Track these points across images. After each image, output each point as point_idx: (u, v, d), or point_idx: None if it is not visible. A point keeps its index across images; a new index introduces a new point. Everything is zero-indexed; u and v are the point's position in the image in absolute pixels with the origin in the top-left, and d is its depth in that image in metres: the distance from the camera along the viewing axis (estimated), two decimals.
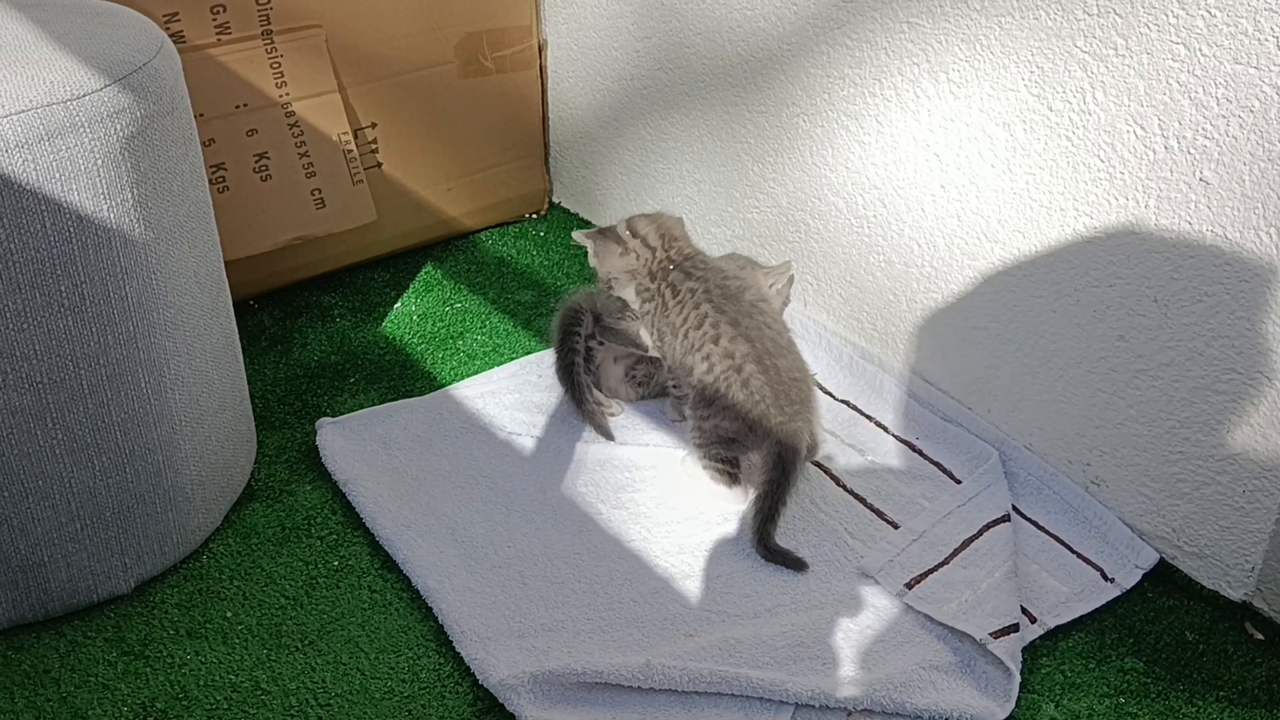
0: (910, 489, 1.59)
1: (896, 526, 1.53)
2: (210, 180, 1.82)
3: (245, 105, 1.86)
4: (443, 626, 1.37)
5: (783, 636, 1.35)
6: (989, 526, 1.50)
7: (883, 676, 1.30)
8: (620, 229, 1.66)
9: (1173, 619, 1.42)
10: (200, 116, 1.77)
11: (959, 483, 1.59)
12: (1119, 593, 1.44)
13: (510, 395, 1.77)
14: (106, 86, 1.21)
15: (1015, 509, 1.55)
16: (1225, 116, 1.26)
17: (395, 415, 1.72)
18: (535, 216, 2.33)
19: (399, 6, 1.98)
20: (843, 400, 1.77)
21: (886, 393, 1.75)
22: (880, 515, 1.55)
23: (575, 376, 1.68)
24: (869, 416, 1.73)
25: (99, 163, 1.21)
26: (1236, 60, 1.24)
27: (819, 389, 1.77)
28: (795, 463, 1.46)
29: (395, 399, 1.77)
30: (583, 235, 1.70)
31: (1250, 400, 1.34)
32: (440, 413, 1.73)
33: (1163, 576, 1.47)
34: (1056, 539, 1.51)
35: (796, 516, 1.53)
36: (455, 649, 1.34)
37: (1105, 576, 1.46)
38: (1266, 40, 1.21)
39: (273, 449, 1.67)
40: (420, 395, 1.78)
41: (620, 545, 1.50)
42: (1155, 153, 1.34)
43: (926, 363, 1.73)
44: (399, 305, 2.03)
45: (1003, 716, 1.27)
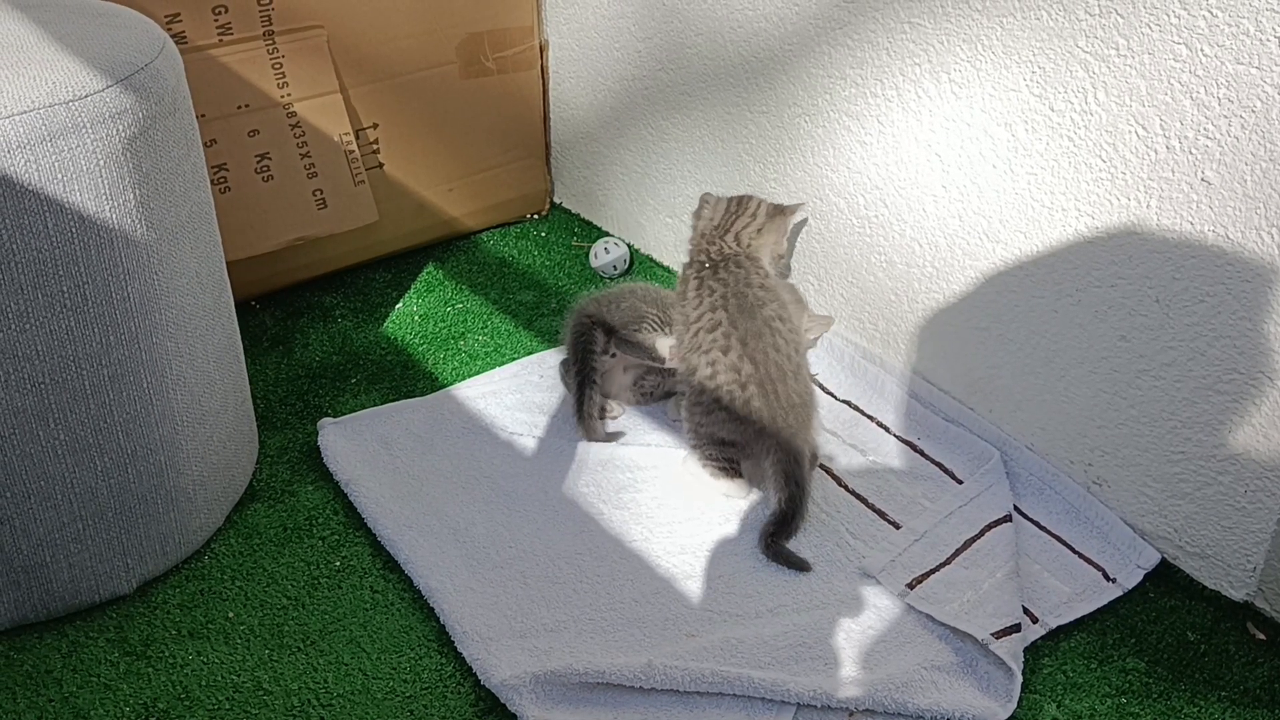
0: (912, 489, 1.59)
1: (898, 527, 1.53)
2: (212, 181, 1.82)
3: (247, 106, 1.86)
4: (444, 627, 1.37)
5: (784, 636, 1.35)
6: (991, 526, 1.50)
7: (884, 677, 1.30)
8: (703, 204, 1.69)
9: (1174, 619, 1.42)
10: (202, 117, 1.77)
11: (961, 483, 1.59)
12: (1121, 593, 1.44)
13: (512, 395, 1.77)
14: (108, 87, 1.21)
15: (1017, 509, 1.55)
16: (1227, 117, 1.26)
17: (397, 415, 1.72)
18: (536, 217, 2.33)
19: (400, 7, 1.98)
20: (844, 400, 1.77)
21: (888, 393, 1.75)
22: (882, 515, 1.55)
23: (587, 394, 1.67)
24: (870, 417, 1.73)
25: (101, 163, 1.21)
26: (1238, 60, 1.24)
27: (820, 389, 1.78)
28: (804, 474, 1.47)
29: (397, 399, 1.77)
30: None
31: (1252, 400, 1.34)
32: (442, 413, 1.73)
33: (1164, 576, 1.47)
34: (1058, 539, 1.51)
35: None
36: (457, 649, 1.34)
37: (1107, 576, 1.46)
38: (1268, 40, 1.21)
39: (274, 449, 1.67)
40: (422, 395, 1.78)
41: (622, 545, 1.50)
42: (1157, 153, 1.34)
43: (928, 363, 1.73)
44: (400, 306, 2.03)
45: (1004, 717, 1.27)
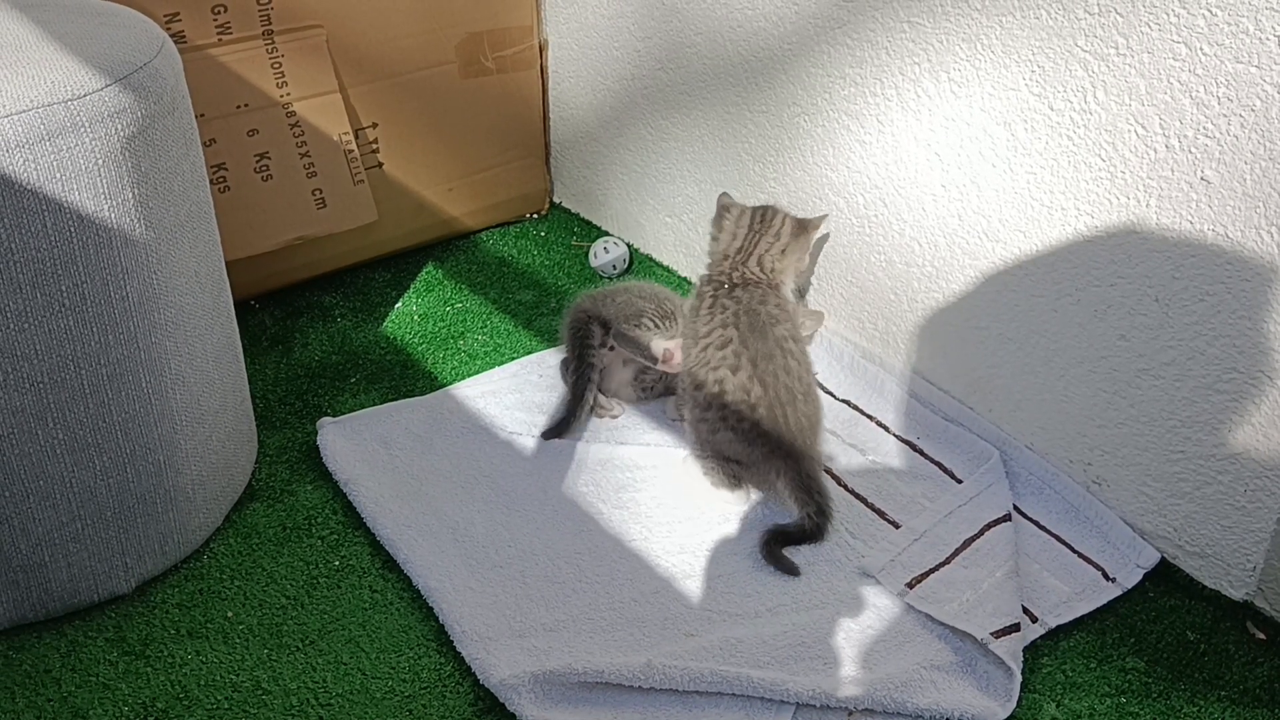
0: (911, 489, 1.59)
1: (898, 526, 1.52)
2: (211, 180, 1.82)
3: (246, 105, 1.86)
4: (443, 626, 1.37)
5: (784, 636, 1.35)
6: (990, 526, 1.50)
7: (884, 676, 1.29)
8: (724, 214, 1.68)
9: (1174, 618, 1.42)
10: (201, 116, 1.77)
11: (960, 482, 1.59)
12: (1120, 592, 1.44)
13: (511, 395, 1.77)
14: (107, 86, 1.21)
15: (1016, 508, 1.55)
16: (1226, 115, 1.26)
17: (396, 415, 1.72)
18: (536, 216, 2.33)
19: (400, 7, 1.98)
20: (844, 400, 1.77)
21: (887, 392, 1.75)
22: (881, 515, 1.55)
23: (583, 392, 1.67)
24: (870, 416, 1.73)
25: (100, 162, 1.21)
26: (1238, 59, 1.23)
27: (820, 388, 1.77)
28: (825, 489, 1.49)
29: (396, 399, 1.77)
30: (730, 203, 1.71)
31: (1252, 399, 1.34)
32: (441, 412, 1.73)
33: (1164, 576, 1.47)
34: (1058, 538, 1.51)
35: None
36: (456, 649, 1.34)
37: (1106, 576, 1.46)
38: (1268, 39, 1.20)
39: (274, 449, 1.67)
40: (421, 395, 1.78)
41: (621, 545, 1.50)
42: (1156, 152, 1.34)
43: (928, 362, 1.72)
44: (400, 305, 2.03)
45: (1004, 716, 1.27)
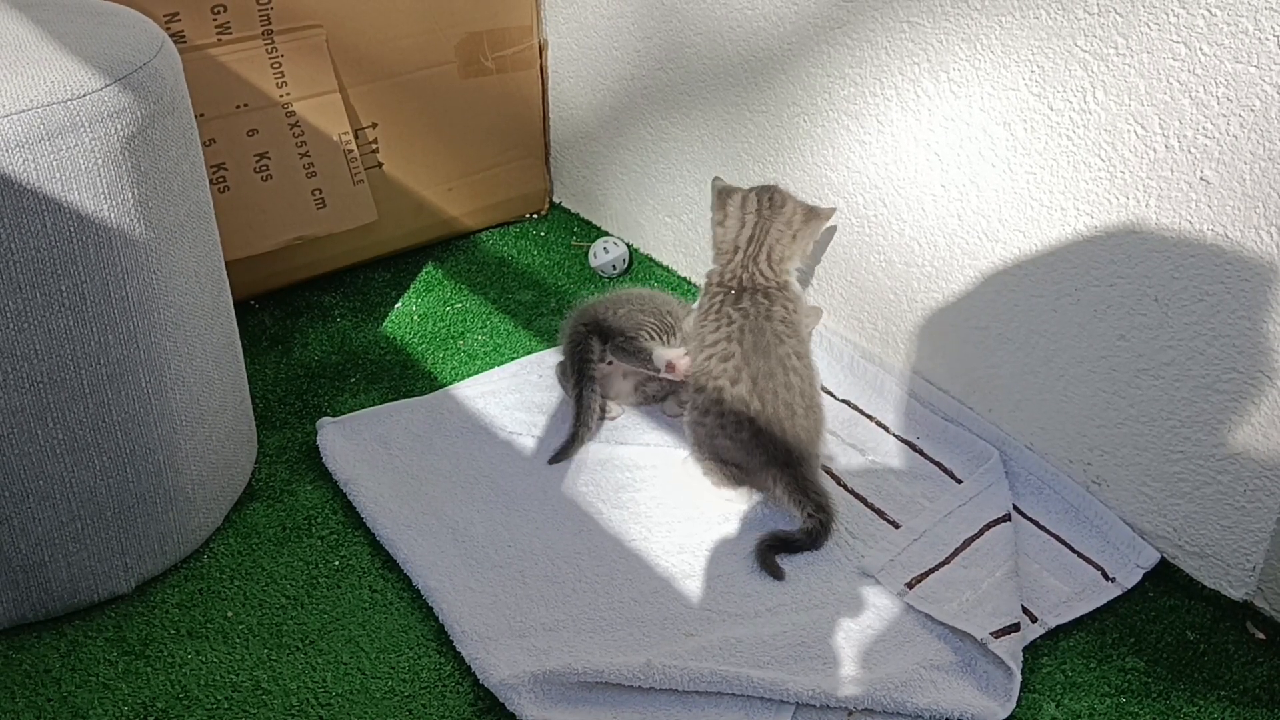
0: (911, 488, 1.59)
1: (897, 526, 1.52)
2: (211, 180, 1.82)
3: (246, 105, 1.86)
4: (443, 626, 1.37)
5: (783, 636, 1.35)
6: (990, 526, 1.50)
7: (883, 676, 1.29)
8: (727, 198, 1.66)
9: (1174, 618, 1.42)
10: (201, 116, 1.77)
11: (960, 482, 1.59)
12: (1120, 592, 1.44)
13: (511, 395, 1.77)
14: (107, 86, 1.21)
15: (1016, 508, 1.55)
16: (1226, 115, 1.26)
17: (396, 415, 1.72)
18: (536, 216, 2.33)
19: (399, 6, 1.98)
20: (843, 400, 1.77)
21: (887, 392, 1.75)
22: (881, 515, 1.55)
23: (587, 414, 1.65)
24: (870, 416, 1.73)
25: (99, 162, 1.21)
26: (1237, 59, 1.23)
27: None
28: (827, 496, 1.49)
29: (396, 399, 1.77)
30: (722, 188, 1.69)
31: (1251, 399, 1.34)
32: (441, 413, 1.73)
33: (1164, 576, 1.47)
34: (1057, 538, 1.51)
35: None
36: (456, 649, 1.34)
37: (1106, 576, 1.46)
38: (1267, 39, 1.20)
39: (273, 449, 1.67)
40: (421, 395, 1.78)
41: (621, 545, 1.50)
42: (1156, 152, 1.34)
43: (927, 362, 1.72)
44: (400, 305, 2.03)
45: (1004, 716, 1.27)
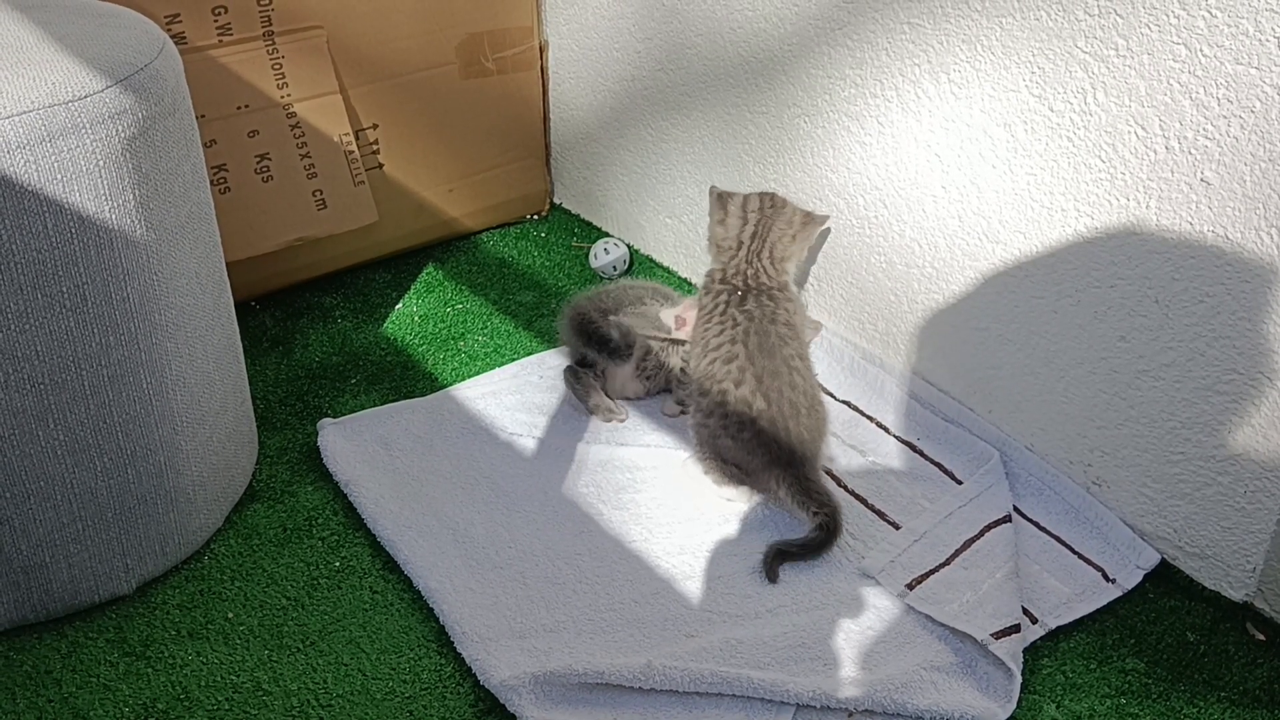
0: (911, 490, 1.59)
1: (898, 527, 1.53)
2: (212, 181, 1.82)
3: (246, 106, 1.86)
4: (444, 627, 1.37)
5: (784, 637, 1.35)
6: (990, 527, 1.50)
7: (884, 677, 1.30)
8: (727, 199, 1.68)
9: (1174, 620, 1.42)
10: (202, 118, 1.77)
11: (960, 483, 1.59)
12: (1120, 593, 1.44)
13: (511, 396, 1.77)
14: (108, 88, 1.21)
15: (1016, 509, 1.55)
16: (1226, 117, 1.26)
17: (396, 416, 1.72)
18: (536, 217, 2.33)
19: (400, 8, 1.98)
20: (844, 401, 1.77)
21: (887, 393, 1.75)
22: (881, 516, 1.55)
23: (611, 340, 1.66)
24: (870, 417, 1.73)
25: (101, 164, 1.21)
26: (1237, 61, 1.24)
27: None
28: (833, 498, 1.49)
29: (396, 400, 1.77)
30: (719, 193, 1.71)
31: (1251, 401, 1.34)
32: (441, 414, 1.73)
33: (1164, 577, 1.47)
34: (1058, 539, 1.51)
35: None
36: (456, 650, 1.34)
37: (1106, 577, 1.46)
38: (1267, 41, 1.21)
39: (274, 450, 1.67)
40: (421, 396, 1.78)
41: (621, 546, 1.50)
42: (1156, 153, 1.34)
43: (928, 363, 1.73)
44: (400, 306, 2.03)
45: (1004, 717, 1.27)
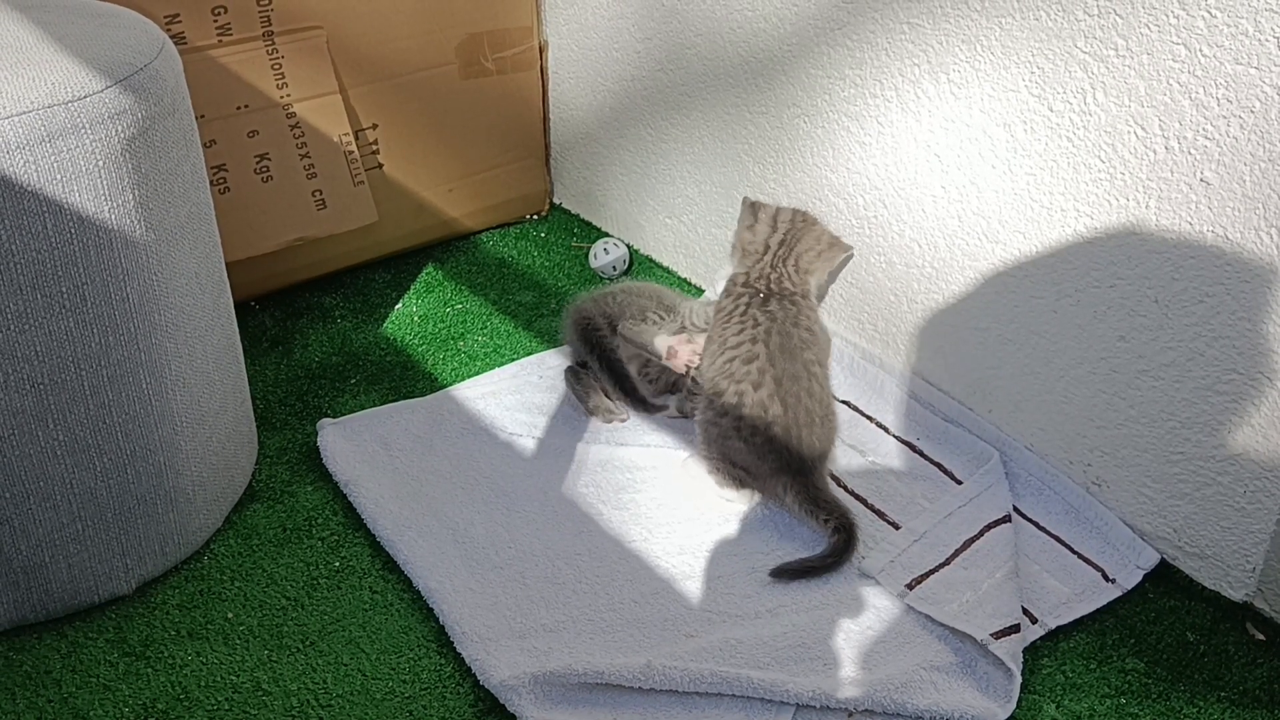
0: (911, 489, 1.59)
1: (897, 527, 1.53)
2: (211, 181, 1.82)
3: (246, 106, 1.86)
4: (444, 627, 1.38)
5: (784, 637, 1.35)
6: (990, 527, 1.50)
7: (884, 677, 1.30)
8: (759, 208, 1.69)
9: (1174, 619, 1.42)
10: (201, 118, 1.77)
11: (960, 483, 1.59)
12: (1120, 593, 1.44)
13: (511, 396, 1.77)
14: (108, 88, 1.21)
15: (1016, 509, 1.55)
16: (1226, 117, 1.26)
17: (396, 416, 1.72)
18: (536, 218, 2.33)
19: (400, 8, 1.98)
20: (843, 401, 1.77)
21: (887, 393, 1.75)
22: (881, 516, 1.55)
23: (623, 373, 1.68)
24: (870, 417, 1.73)
25: (100, 164, 1.21)
26: (1237, 61, 1.24)
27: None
28: (845, 509, 1.48)
29: (396, 400, 1.77)
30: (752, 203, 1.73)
31: (1251, 401, 1.34)
32: (441, 414, 1.73)
33: (1164, 577, 1.47)
34: (1057, 539, 1.51)
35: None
36: (456, 650, 1.35)
37: (1106, 577, 1.46)
38: (1267, 41, 1.21)
39: (274, 450, 1.67)
40: (421, 396, 1.78)
41: (621, 546, 1.50)
42: (1156, 153, 1.34)
43: (927, 363, 1.73)
44: (400, 306, 2.03)
45: (1004, 717, 1.27)
